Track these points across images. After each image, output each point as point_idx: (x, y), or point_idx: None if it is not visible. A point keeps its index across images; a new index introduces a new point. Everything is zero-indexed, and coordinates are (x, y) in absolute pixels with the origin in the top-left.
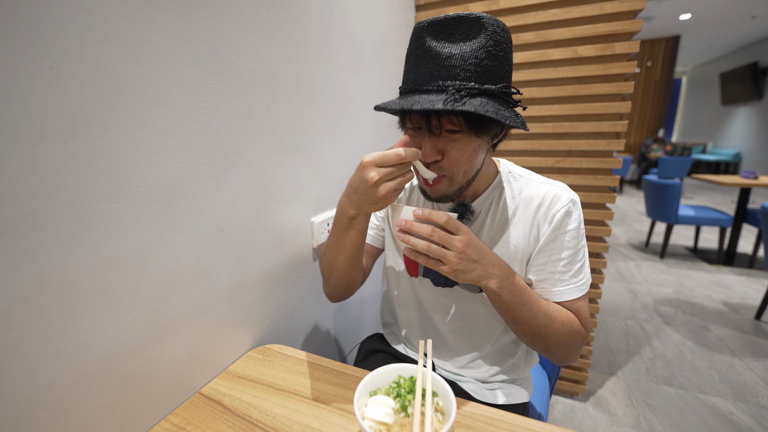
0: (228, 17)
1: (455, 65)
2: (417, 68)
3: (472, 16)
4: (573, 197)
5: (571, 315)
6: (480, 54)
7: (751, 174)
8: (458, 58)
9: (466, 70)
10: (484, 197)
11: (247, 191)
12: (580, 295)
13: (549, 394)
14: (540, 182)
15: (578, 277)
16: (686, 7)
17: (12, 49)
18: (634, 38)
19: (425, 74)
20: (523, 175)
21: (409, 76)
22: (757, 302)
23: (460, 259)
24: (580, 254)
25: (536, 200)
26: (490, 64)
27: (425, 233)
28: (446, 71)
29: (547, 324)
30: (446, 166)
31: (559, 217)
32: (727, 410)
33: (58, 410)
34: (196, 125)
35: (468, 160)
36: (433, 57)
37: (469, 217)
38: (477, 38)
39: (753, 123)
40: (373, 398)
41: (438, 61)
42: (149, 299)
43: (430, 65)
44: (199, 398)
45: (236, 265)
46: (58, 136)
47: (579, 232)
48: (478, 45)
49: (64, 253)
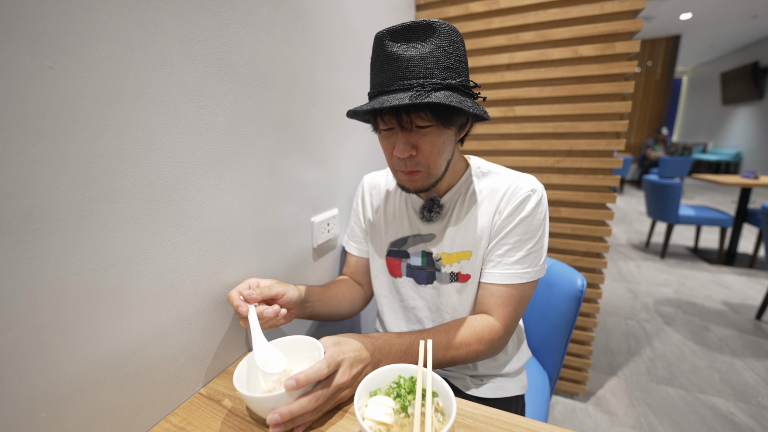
0: (228, 17)
1: (417, 65)
2: (382, 72)
3: (425, 22)
4: (535, 187)
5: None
6: (437, 53)
7: (751, 174)
8: (418, 59)
9: (427, 69)
10: (452, 192)
11: (247, 191)
12: (514, 282)
13: (549, 394)
14: (507, 175)
15: (520, 265)
16: (687, 7)
17: (12, 49)
18: (635, 38)
19: (390, 76)
20: (492, 170)
21: (376, 80)
22: (757, 302)
23: (354, 384)
24: (529, 243)
25: (501, 190)
26: (447, 62)
27: (313, 409)
28: (409, 71)
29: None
30: (421, 160)
31: (514, 204)
32: (728, 410)
33: (57, 410)
34: (196, 125)
35: (440, 152)
36: (395, 60)
37: (438, 210)
38: (432, 40)
39: (753, 123)
40: (373, 398)
41: (400, 63)
42: (149, 299)
43: (393, 68)
44: (199, 398)
45: (236, 265)
46: (58, 135)
47: (532, 221)
48: (434, 46)
49: (63, 253)
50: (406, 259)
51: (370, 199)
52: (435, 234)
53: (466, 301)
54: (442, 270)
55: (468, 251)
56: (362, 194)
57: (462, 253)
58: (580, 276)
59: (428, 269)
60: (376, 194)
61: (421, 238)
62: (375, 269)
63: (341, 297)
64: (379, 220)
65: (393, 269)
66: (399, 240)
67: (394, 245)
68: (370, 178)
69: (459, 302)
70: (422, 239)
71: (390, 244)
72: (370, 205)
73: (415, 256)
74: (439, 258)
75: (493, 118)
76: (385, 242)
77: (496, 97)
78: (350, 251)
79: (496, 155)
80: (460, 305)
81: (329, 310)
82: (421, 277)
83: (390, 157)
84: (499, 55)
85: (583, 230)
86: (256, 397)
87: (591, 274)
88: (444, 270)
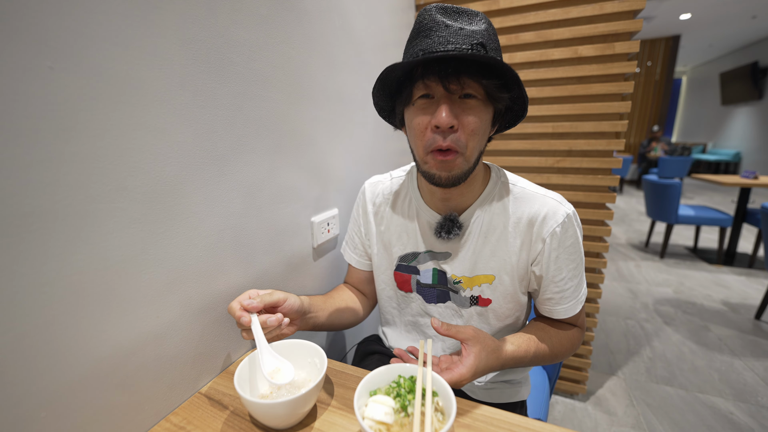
0: (228, 17)
1: (469, 35)
2: (428, 38)
3: (472, 10)
4: (568, 211)
5: (571, 334)
6: (489, 32)
7: (751, 174)
8: (469, 31)
9: (480, 40)
10: (472, 208)
11: (247, 191)
12: (580, 308)
13: (549, 394)
14: (534, 193)
15: (578, 291)
16: (686, 7)
17: (12, 49)
18: (634, 38)
19: (440, 41)
20: (516, 184)
21: (419, 46)
22: (757, 302)
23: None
24: (578, 269)
25: (529, 215)
26: (496, 44)
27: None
28: (462, 38)
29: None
30: (461, 137)
31: (557, 237)
32: (727, 410)
33: (58, 410)
34: (196, 125)
35: (482, 133)
36: (446, 27)
37: (457, 232)
38: (481, 23)
39: (753, 123)
40: (373, 398)
41: (452, 30)
42: (149, 299)
43: (444, 33)
44: (199, 398)
45: (236, 265)
46: (58, 135)
47: (576, 247)
48: (483, 27)
49: (64, 253)
50: (416, 275)
51: (374, 209)
52: (450, 252)
53: (486, 325)
54: (461, 293)
55: (491, 275)
56: (364, 203)
57: (484, 277)
58: None
59: (439, 288)
60: (381, 203)
61: (434, 255)
62: (382, 282)
63: (344, 308)
64: (386, 233)
65: (402, 284)
66: (409, 255)
67: (404, 260)
68: (372, 186)
69: (480, 325)
70: (435, 256)
71: (399, 258)
72: (374, 216)
73: (425, 273)
74: (458, 281)
75: None
76: (394, 256)
77: None
78: (350, 263)
79: (496, 155)
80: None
81: (332, 321)
82: (431, 296)
83: (422, 133)
84: None
85: (582, 230)
86: (258, 403)
87: (591, 273)
88: (464, 294)
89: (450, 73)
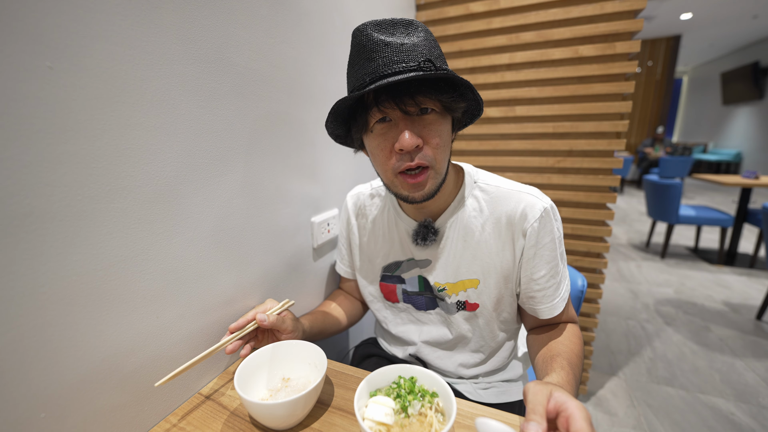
0: (228, 17)
1: (411, 50)
2: (372, 61)
3: (404, 19)
4: (546, 205)
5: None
6: (429, 43)
7: (752, 174)
8: (410, 45)
9: (423, 54)
10: (447, 213)
11: (247, 191)
12: (563, 306)
13: None
14: (510, 190)
15: (559, 289)
16: (687, 7)
17: (12, 49)
18: (635, 38)
19: (384, 62)
20: (490, 183)
21: (365, 70)
22: (758, 302)
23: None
24: (559, 265)
25: (508, 214)
26: (437, 52)
27: None
28: (406, 55)
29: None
30: (429, 152)
31: (535, 232)
32: (728, 410)
33: (57, 410)
34: (196, 125)
35: (447, 144)
36: (387, 45)
37: (433, 237)
38: (417, 33)
39: (754, 123)
40: (373, 399)
41: (394, 48)
42: (149, 299)
43: (387, 53)
44: (199, 398)
45: (236, 265)
46: (58, 135)
47: (555, 242)
48: (423, 37)
49: (64, 253)
50: (401, 284)
51: (356, 221)
52: (430, 260)
53: (476, 329)
54: (447, 300)
55: (475, 279)
56: (347, 216)
57: (468, 282)
58: (580, 276)
59: (426, 294)
60: (362, 216)
61: (416, 263)
62: (369, 295)
63: (341, 319)
64: (369, 244)
65: (388, 295)
66: (392, 264)
67: (387, 270)
68: (354, 198)
69: (470, 330)
70: (417, 264)
71: (383, 269)
72: (357, 228)
73: (411, 282)
74: (443, 288)
75: (494, 118)
76: (378, 267)
77: (496, 97)
78: (342, 274)
79: (497, 155)
80: (463, 328)
81: (328, 333)
82: (419, 303)
83: (388, 157)
84: (499, 55)
85: (583, 230)
86: (258, 404)
87: (591, 274)
88: (449, 300)
89: (404, 94)
